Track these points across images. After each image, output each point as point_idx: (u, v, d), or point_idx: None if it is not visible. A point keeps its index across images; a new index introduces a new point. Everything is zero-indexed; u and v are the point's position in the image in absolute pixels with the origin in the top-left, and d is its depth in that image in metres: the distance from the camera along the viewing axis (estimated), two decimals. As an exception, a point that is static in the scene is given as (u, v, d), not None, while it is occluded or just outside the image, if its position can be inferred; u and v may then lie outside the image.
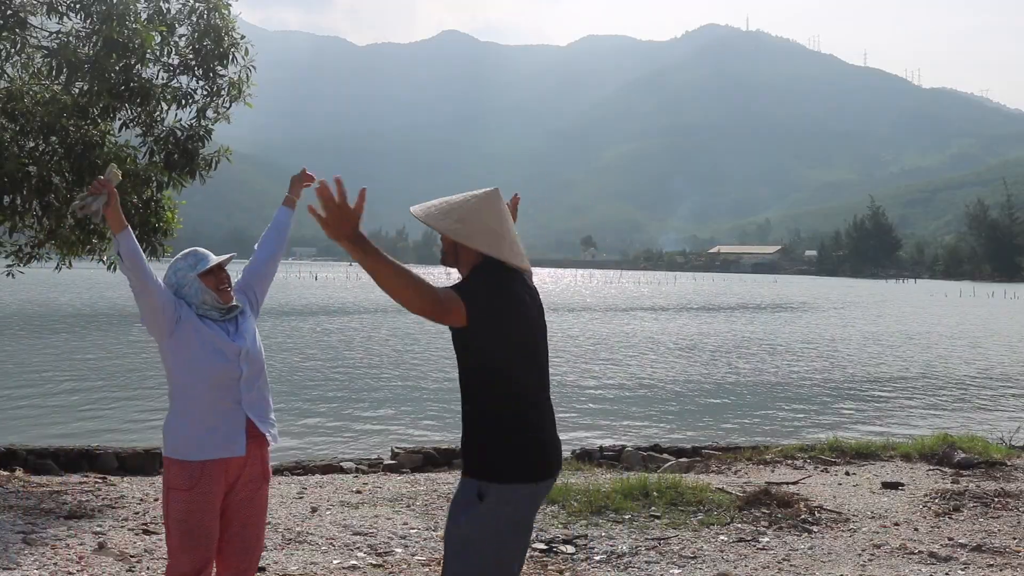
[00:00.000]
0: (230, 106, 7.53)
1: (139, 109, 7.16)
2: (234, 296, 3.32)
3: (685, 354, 24.15)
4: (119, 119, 7.20)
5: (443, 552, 2.85)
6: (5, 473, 7.32)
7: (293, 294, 55.45)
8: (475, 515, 2.70)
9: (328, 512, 6.08)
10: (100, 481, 7.14)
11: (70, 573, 4.59)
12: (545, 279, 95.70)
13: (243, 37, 7.45)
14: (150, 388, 15.94)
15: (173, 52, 7.17)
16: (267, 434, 3.26)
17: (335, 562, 4.98)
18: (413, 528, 5.74)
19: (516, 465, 2.73)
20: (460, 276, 2.87)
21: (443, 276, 3.34)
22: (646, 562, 5.04)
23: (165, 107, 7.27)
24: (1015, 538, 5.59)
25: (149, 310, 3.14)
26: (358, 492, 6.81)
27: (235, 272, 3.46)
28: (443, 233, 2.83)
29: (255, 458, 3.26)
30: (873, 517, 6.10)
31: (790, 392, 17.50)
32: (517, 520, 2.77)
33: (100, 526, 5.52)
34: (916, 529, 5.81)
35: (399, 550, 5.25)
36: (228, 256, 3.30)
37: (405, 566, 4.94)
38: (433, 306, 2.61)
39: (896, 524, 5.92)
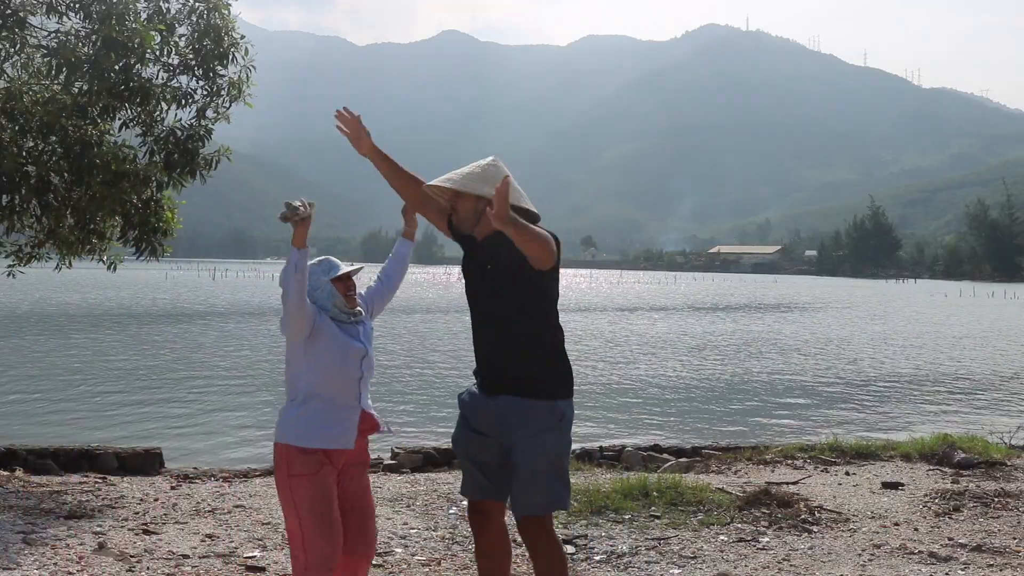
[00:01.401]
0: (230, 106, 7.54)
1: (139, 109, 7.16)
2: (359, 303, 3.62)
3: (685, 354, 24.16)
4: (119, 119, 7.20)
5: (535, 478, 3.16)
6: (5, 473, 7.32)
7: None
8: (563, 432, 3.18)
9: (328, 512, 6.07)
10: (100, 481, 7.14)
11: (70, 573, 4.59)
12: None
13: (243, 37, 7.45)
14: (151, 388, 15.95)
15: (173, 52, 7.17)
16: (384, 426, 3.60)
17: (335, 562, 4.97)
18: (413, 528, 5.74)
19: (572, 382, 3.29)
20: (478, 236, 3.29)
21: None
22: (646, 562, 5.04)
23: (165, 107, 7.28)
24: (1015, 538, 5.59)
25: (298, 318, 3.41)
26: (358, 492, 6.81)
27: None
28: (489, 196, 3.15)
29: (359, 448, 3.55)
30: (873, 517, 6.09)
31: (791, 392, 17.50)
32: None
33: (100, 526, 5.52)
34: (916, 529, 5.80)
35: (399, 550, 5.25)
36: (358, 267, 3.58)
37: (405, 566, 4.94)
38: (554, 254, 3.13)
39: (896, 524, 5.92)
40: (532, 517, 3.19)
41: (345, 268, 3.54)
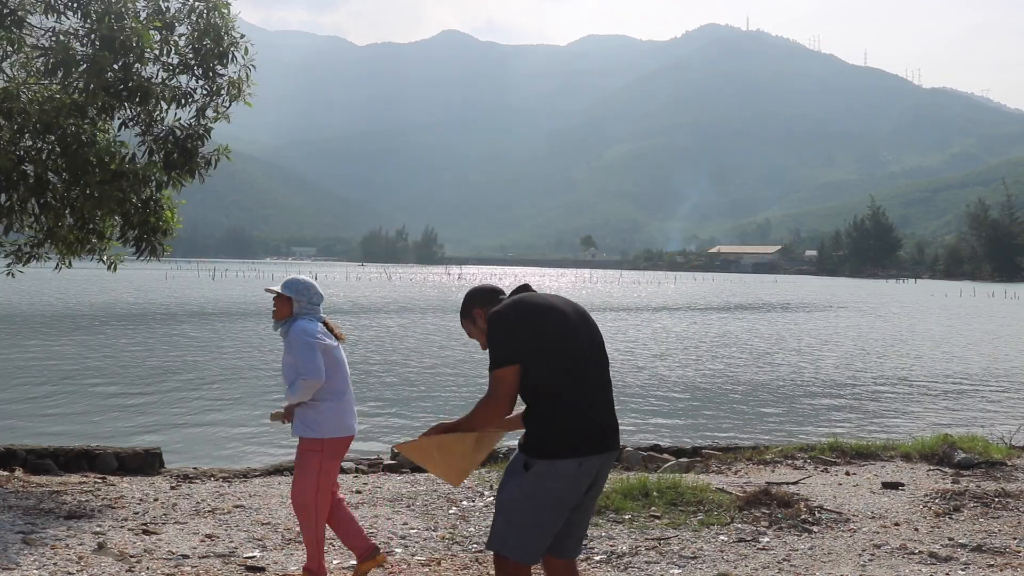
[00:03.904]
0: (230, 105, 7.53)
1: (138, 108, 7.15)
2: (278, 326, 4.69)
3: (685, 354, 24.15)
4: (118, 118, 7.19)
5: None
6: (5, 473, 7.32)
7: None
8: (527, 482, 3.20)
9: (328, 512, 6.07)
10: (100, 481, 7.14)
11: (70, 573, 4.59)
12: (546, 279, 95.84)
13: (243, 36, 7.45)
14: (151, 388, 15.94)
15: (173, 51, 7.17)
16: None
17: (335, 562, 4.98)
18: (413, 528, 5.74)
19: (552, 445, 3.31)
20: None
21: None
22: (646, 562, 5.04)
23: (164, 106, 7.27)
24: (1015, 538, 5.58)
25: None
26: (358, 492, 6.81)
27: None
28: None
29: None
30: (873, 517, 6.09)
31: (791, 392, 17.49)
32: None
33: (100, 526, 5.52)
34: (916, 529, 5.80)
35: (399, 550, 5.25)
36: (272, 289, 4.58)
37: (405, 566, 4.94)
38: (500, 398, 3.28)
39: (896, 524, 5.91)
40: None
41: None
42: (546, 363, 3.20)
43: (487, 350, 3.27)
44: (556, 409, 3.20)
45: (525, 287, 3.47)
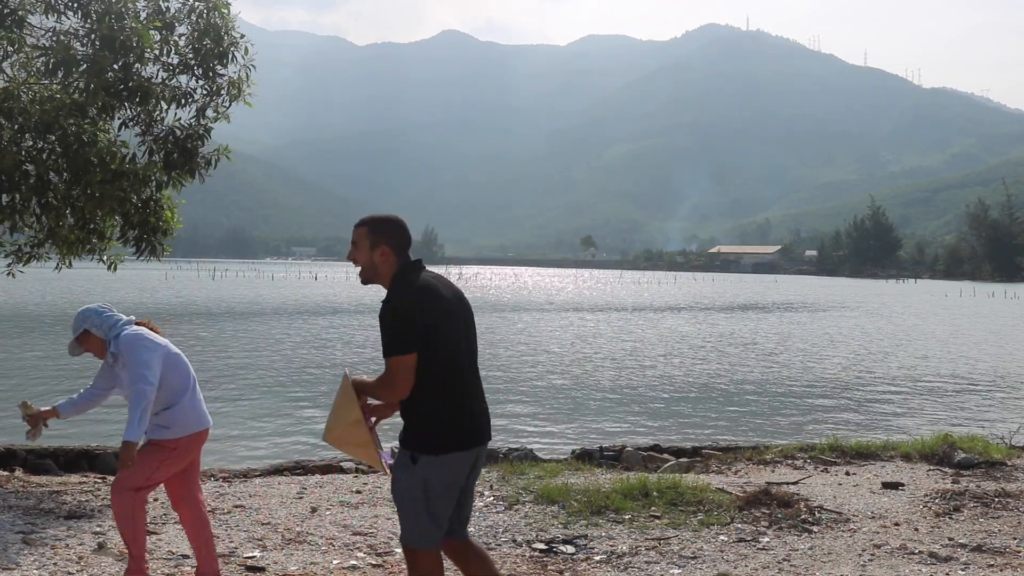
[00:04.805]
0: (230, 105, 7.53)
1: (138, 108, 7.15)
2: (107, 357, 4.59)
3: (685, 353, 24.15)
4: (118, 118, 7.20)
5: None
6: (5, 473, 7.32)
7: (294, 293, 55.48)
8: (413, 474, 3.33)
9: (328, 512, 6.08)
10: (100, 481, 7.14)
11: (70, 573, 4.59)
12: (546, 279, 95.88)
13: (243, 36, 7.45)
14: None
15: (173, 51, 7.17)
16: None
17: (335, 562, 4.98)
18: (413, 528, 5.73)
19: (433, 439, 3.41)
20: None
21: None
22: (646, 562, 5.04)
23: (164, 106, 7.28)
24: (1015, 538, 5.58)
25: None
26: (358, 492, 6.81)
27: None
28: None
29: None
30: (873, 517, 6.09)
31: (791, 392, 17.49)
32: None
33: (100, 526, 5.52)
34: (916, 529, 5.80)
35: (399, 550, 5.24)
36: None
37: (405, 566, 4.93)
38: (396, 376, 3.29)
39: (896, 524, 5.91)
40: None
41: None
42: (433, 353, 3.24)
43: (382, 334, 3.26)
44: (435, 400, 3.26)
45: (418, 263, 3.39)
